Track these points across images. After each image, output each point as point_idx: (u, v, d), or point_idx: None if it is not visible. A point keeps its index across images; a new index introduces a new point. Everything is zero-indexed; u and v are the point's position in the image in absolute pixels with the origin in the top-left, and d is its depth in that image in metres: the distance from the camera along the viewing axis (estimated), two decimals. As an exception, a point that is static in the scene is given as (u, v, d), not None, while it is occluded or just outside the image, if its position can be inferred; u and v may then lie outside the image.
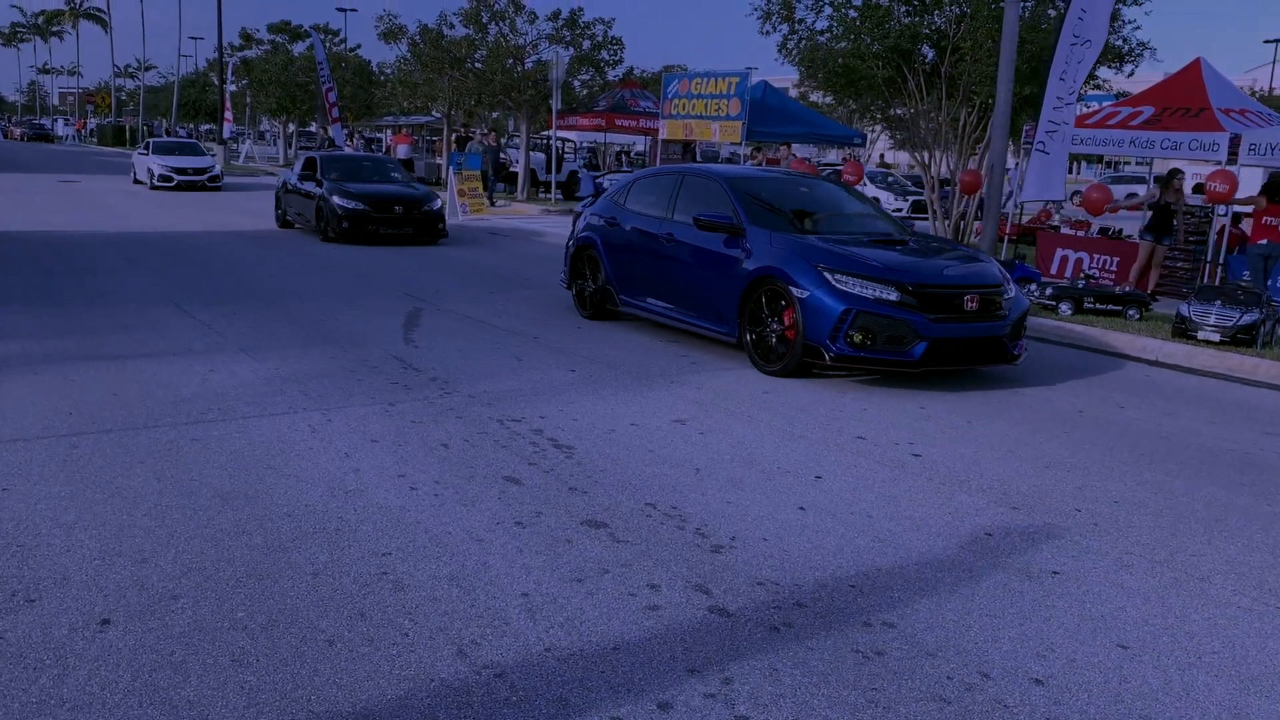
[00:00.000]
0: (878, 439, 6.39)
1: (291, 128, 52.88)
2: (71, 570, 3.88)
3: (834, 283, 7.64)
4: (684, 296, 9.10)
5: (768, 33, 21.18)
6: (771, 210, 8.92)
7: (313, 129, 67.04)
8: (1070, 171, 47.22)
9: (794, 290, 7.81)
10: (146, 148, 29.61)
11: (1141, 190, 37.20)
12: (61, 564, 3.93)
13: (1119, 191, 36.91)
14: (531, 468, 5.43)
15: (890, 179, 35.53)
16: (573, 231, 10.99)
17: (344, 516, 4.58)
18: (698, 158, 30.23)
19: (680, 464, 5.63)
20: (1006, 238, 20.90)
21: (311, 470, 5.21)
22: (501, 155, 28.56)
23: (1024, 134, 18.11)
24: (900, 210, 32.28)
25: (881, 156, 51.67)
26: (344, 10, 61.86)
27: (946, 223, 19.81)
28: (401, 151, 29.19)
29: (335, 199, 16.62)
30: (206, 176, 28.26)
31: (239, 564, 4.01)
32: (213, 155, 32.86)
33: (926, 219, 31.96)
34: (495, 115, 41.39)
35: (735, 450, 5.96)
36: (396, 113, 50.04)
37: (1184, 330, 10.08)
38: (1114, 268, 15.25)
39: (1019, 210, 20.25)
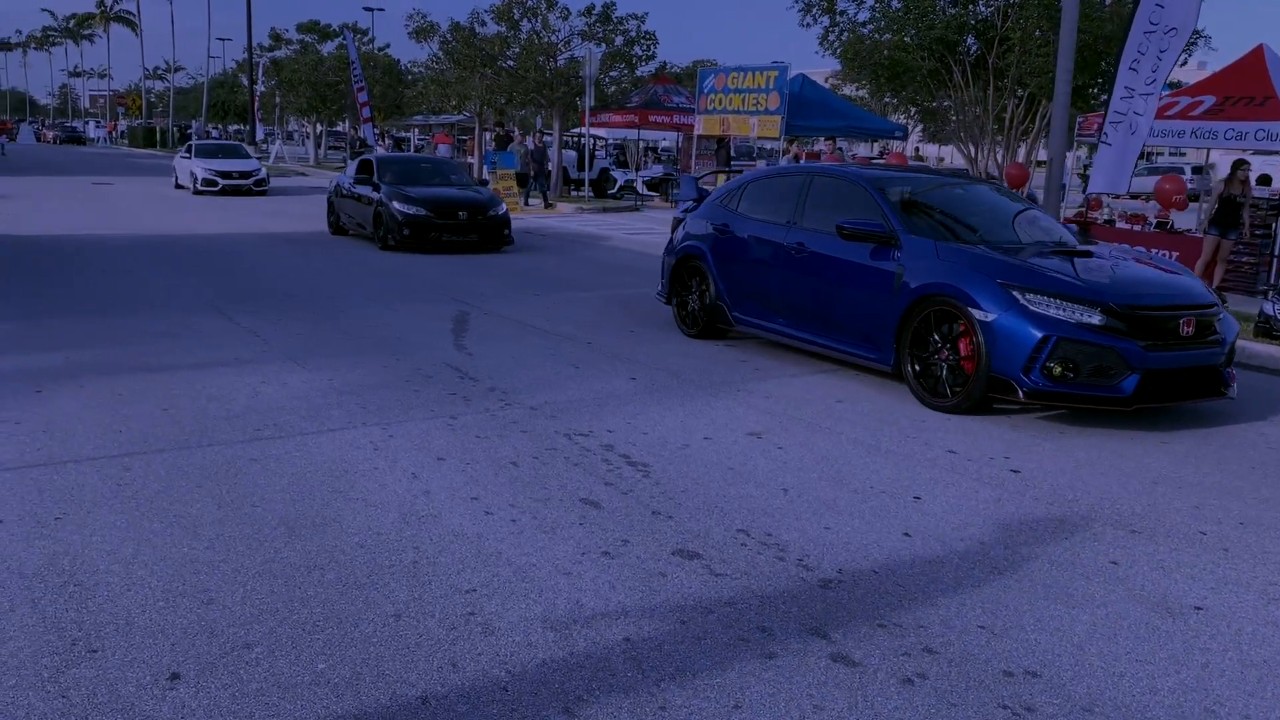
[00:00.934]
0: (970, 453, 6.00)
1: (319, 128, 52.84)
2: (134, 613, 3.57)
3: (1026, 304, 6.51)
4: (819, 316, 7.94)
5: (808, 25, 20.77)
6: (927, 216, 7.75)
7: (340, 129, 67.03)
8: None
9: (974, 312, 6.63)
10: (189, 151, 28.35)
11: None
12: (123, 606, 3.63)
13: (1154, 183, 35.95)
14: (608, 488, 5.09)
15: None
16: (672, 241, 9.88)
17: (420, 547, 4.26)
18: (732, 154, 29.76)
19: (765, 483, 5.27)
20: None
21: (379, 493, 4.90)
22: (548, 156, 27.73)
23: (1077, 127, 17.59)
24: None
25: (917, 150, 51.03)
26: (371, 9, 61.91)
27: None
28: (442, 151, 28.53)
29: (395, 204, 15.46)
30: (252, 180, 26.91)
31: (313, 604, 3.69)
32: (258, 158, 32.27)
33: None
34: (522, 113, 41.08)
35: (821, 467, 5.60)
36: (425, 112, 49.91)
37: (1269, 330, 9.62)
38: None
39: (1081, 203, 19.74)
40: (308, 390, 6.92)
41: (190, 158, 27.51)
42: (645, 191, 32.12)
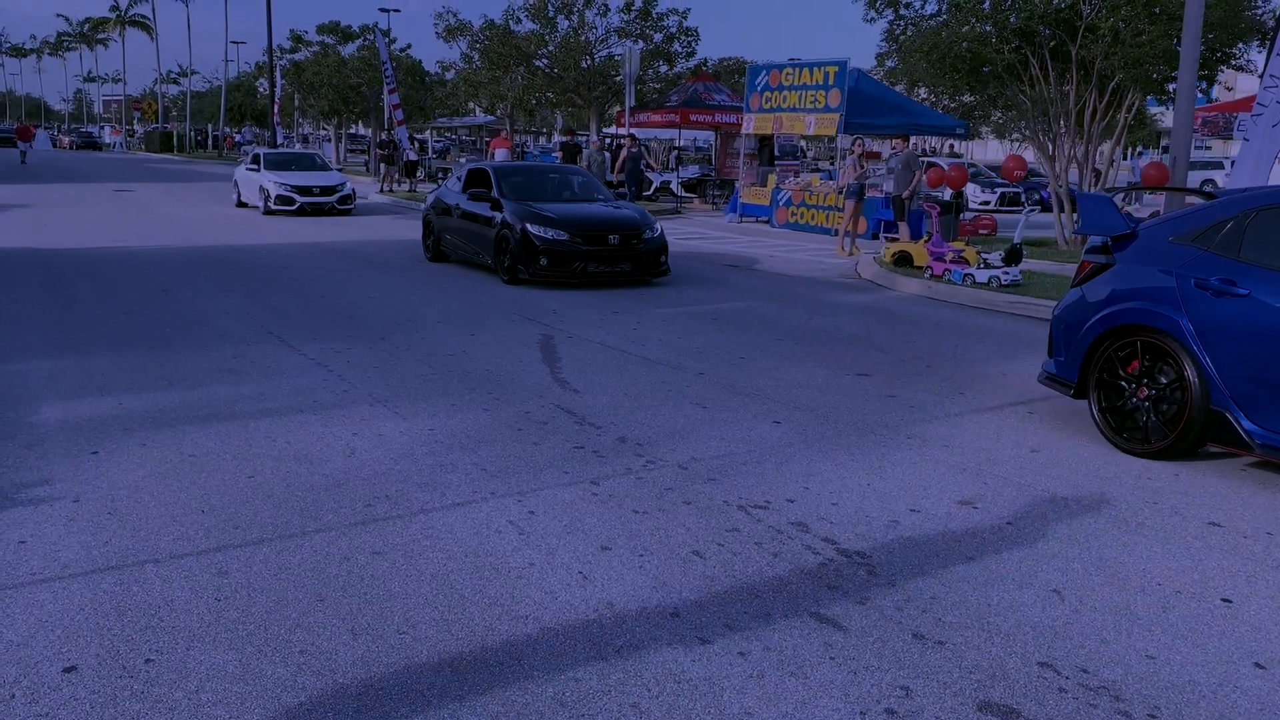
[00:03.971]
0: (1238, 526, 4.87)
1: (342, 131, 51.88)
2: (288, 846, 2.49)
3: None
4: None
5: (872, 19, 19.69)
6: None
7: (356, 131, 66.05)
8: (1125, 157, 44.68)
9: None
10: (255, 162, 23.71)
11: (1219, 177, 34.77)
12: (268, 828, 2.55)
13: (1194, 179, 34.44)
14: (836, 595, 3.99)
15: (973, 171, 33.67)
16: (1077, 300, 6.51)
17: (641, 704, 3.16)
18: (776, 154, 28.59)
19: (1026, 582, 4.16)
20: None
21: (551, 607, 3.80)
22: (644, 164, 24.71)
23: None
24: (988, 203, 30.58)
25: (951, 147, 49.77)
26: (387, 10, 60.70)
27: (1025, 210, 18.05)
28: (500, 156, 26.23)
29: (529, 227, 12.26)
30: (336, 197, 22.45)
31: (535, 821, 2.60)
32: (339, 168, 27.95)
33: (1017, 212, 30.21)
34: (540, 113, 39.87)
35: (1077, 553, 4.48)
36: (448, 114, 48.94)
37: None
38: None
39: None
40: (409, 444, 5.84)
41: (259, 170, 23.07)
42: (682, 193, 31.03)
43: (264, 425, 6.17)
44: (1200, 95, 18.66)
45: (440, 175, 34.48)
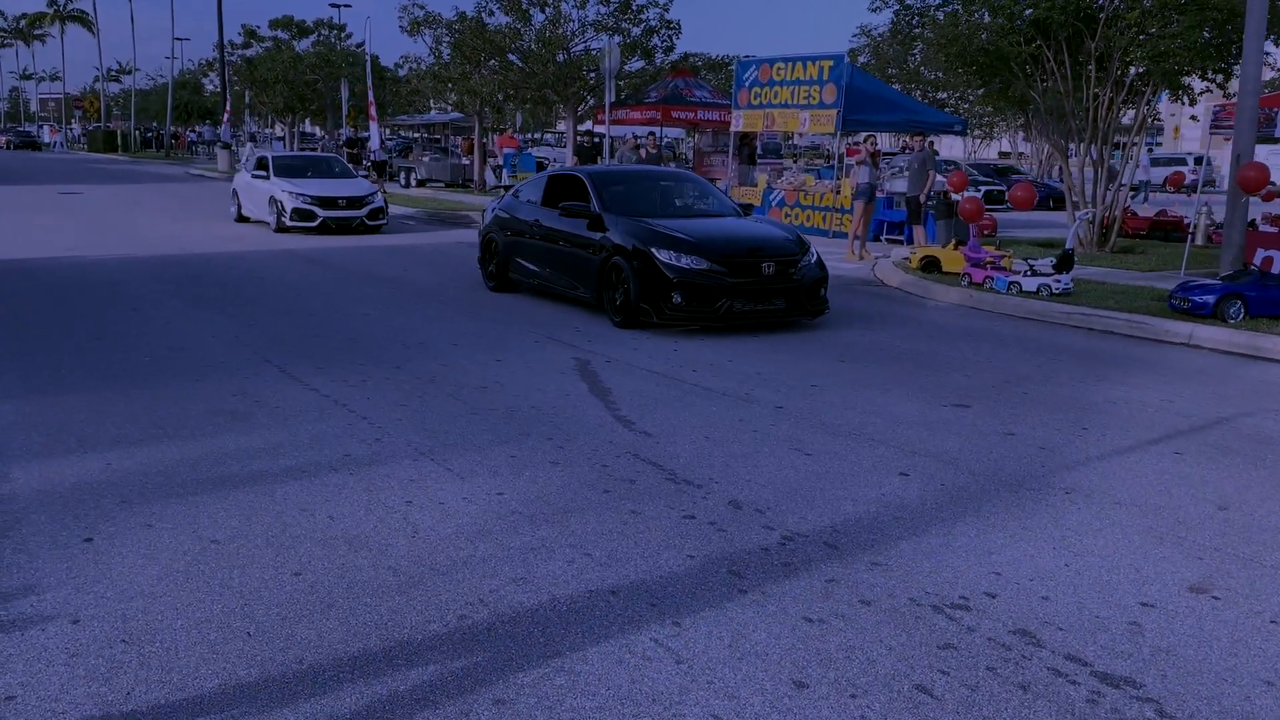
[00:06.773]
0: None
1: (281, 129, 50.08)
2: None
3: None
4: None
5: (878, 8, 18.86)
6: None
7: (307, 129, 64.01)
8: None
9: None
10: (261, 167, 19.39)
11: (1184, 171, 34.14)
12: None
13: (1159, 174, 33.93)
14: (1135, 751, 2.96)
15: (953, 168, 32.99)
16: None
17: None
18: (759, 152, 27.63)
19: (1364, 720, 3.16)
20: (1120, 231, 18.36)
21: (780, 800, 2.73)
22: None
23: (1213, 117, 15.67)
24: (973, 201, 29.87)
25: (930, 145, 49.13)
26: (337, 5, 58.79)
27: (1081, 214, 17.26)
28: (508, 155, 23.66)
29: (656, 252, 9.37)
30: (366, 210, 18.48)
31: None
32: (364, 174, 22.70)
33: (1003, 211, 29.57)
34: (506, 108, 38.40)
35: (1389, 668, 3.50)
36: (410, 112, 47.49)
37: None
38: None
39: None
40: (481, 516, 4.73)
41: (268, 176, 18.85)
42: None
43: (294, 492, 5.01)
44: (1218, 90, 17.99)
45: (402, 175, 33.10)
